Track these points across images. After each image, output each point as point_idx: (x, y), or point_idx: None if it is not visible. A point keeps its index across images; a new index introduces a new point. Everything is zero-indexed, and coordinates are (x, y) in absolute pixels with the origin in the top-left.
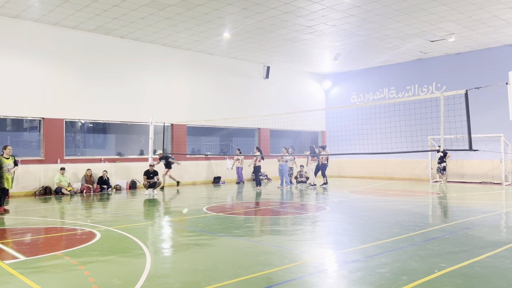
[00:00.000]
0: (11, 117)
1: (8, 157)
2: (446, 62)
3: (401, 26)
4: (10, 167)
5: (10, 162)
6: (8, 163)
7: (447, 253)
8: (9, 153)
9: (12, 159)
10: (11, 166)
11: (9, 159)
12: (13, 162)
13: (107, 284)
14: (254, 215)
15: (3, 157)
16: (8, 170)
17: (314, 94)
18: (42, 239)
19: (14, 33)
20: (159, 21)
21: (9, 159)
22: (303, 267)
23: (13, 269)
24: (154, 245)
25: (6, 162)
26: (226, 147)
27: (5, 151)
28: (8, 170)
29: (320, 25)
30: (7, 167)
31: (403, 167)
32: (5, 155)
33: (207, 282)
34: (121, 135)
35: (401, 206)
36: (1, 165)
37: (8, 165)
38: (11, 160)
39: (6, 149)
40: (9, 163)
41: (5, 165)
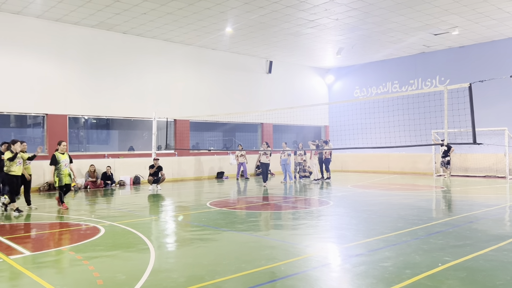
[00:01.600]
0: (15, 113)
1: (63, 152)
2: (450, 55)
3: (404, 20)
4: (67, 162)
5: (66, 157)
6: (64, 159)
7: (450, 246)
8: (64, 148)
9: (67, 154)
10: (67, 162)
11: (65, 155)
12: (68, 157)
13: (112, 279)
14: (257, 210)
15: (58, 153)
16: (65, 166)
17: (317, 89)
18: (47, 235)
19: (16, 29)
20: (161, 16)
21: (65, 155)
22: (307, 261)
23: (19, 264)
24: (158, 240)
25: (62, 158)
26: (229, 142)
27: (59, 146)
28: (65, 165)
29: (323, 19)
30: (64, 162)
31: (406, 161)
32: (60, 151)
33: (211, 277)
34: (124, 130)
35: (405, 200)
36: (58, 161)
37: (64, 160)
38: (66, 156)
39: (61, 145)
40: (64, 158)
41: (62, 161)
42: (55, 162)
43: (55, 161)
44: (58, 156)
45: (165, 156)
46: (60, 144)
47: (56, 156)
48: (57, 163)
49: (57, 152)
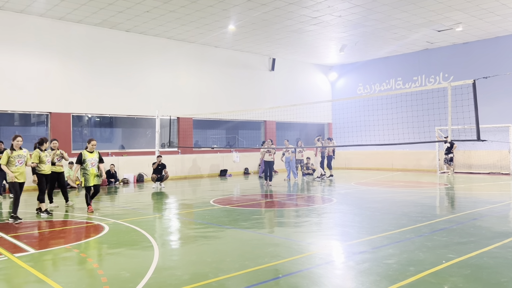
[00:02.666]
0: (19, 111)
1: (92, 151)
2: (454, 52)
3: (407, 16)
4: (94, 161)
5: (94, 156)
6: (91, 157)
7: (454, 244)
8: (93, 147)
9: (97, 153)
10: (95, 161)
11: (93, 153)
12: (97, 156)
13: (116, 277)
14: (260, 208)
15: (86, 151)
16: (92, 165)
17: (320, 86)
18: (51, 233)
19: (20, 28)
20: (164, 14)
21: (93, 153)
22: (310, 259)
23: (23, 262)
24: (162, 237)
25: (89, 157)
26: (233, 140)
27: (89, 145)
28: (92, 165)
29: (326, 16)
30: (91, 161)
31: (410, 158)
32: (89, 149)
33: (214, 274)
34: (127, 128)
35: (408, 198)
36: (84, 160)
37: (92, 159)
38: (95, 154)
39: (91, 143)
40: (93, 157)
41: (88, 160)
42: (80, 161)
43: (81, 160)
44: (85, 154)
45: (169, 154)
46: (90, 142)
47: (82, 154)
48: (83, 162)
49: (85, 150)
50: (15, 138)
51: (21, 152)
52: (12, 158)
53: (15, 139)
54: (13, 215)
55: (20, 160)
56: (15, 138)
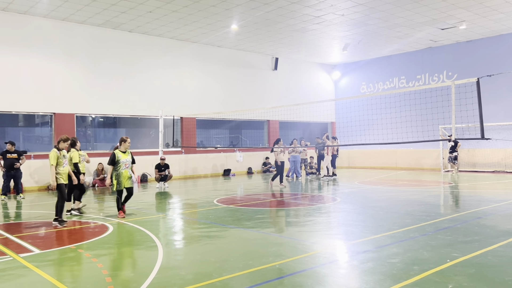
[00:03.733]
0: (23, 112)
1: (125, 151)
2: (457, 50)
3: (410, 15)
4: (128, 162)
5: (127, 157)
6: (125, 158)
7: (459, 242)
8: (128, 146)
9: (129, 154)
10: (128, 162)
11: (126, 153)
12: (130, 157)
13: (120, 276)
14: (264, 207)
15: (119, 151)
16: (126, 167)
17: (324, 85)
18: (56, 233)
19: (23, 29)
20: (167, 14)
21: (126, 153)
22: (314, 258)
23: (28, 262)
24: (166, 237)
25: (123, 158)
26: (236, 140)
27: (123, 144)
28: (126, 166)
29: (329, 15)
30: (125, 163)
31: (414, 157)
32: (121, 149)
33: (218, 274)
34: (131, 129)
35: (412, 196)
36: (118, 161)
37: (126, 160)
38: (128, 155)
39: (126, 142)
40: (126, 158)
41: (122, 161)
42: (113, 162)
43: (114, 161)
44: (118, 155)
45: (172, 154)
46: (125, 141)
47: (116, 154)
48: (116, 163)
49: (118, 150)
50: (66, 140)
51: (65, 153)
52: (61, 159)
53: (66, 142)
54: (58, 218)
55: (65, 161)
56: (66, 141)
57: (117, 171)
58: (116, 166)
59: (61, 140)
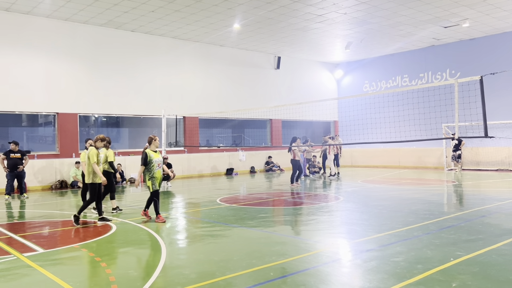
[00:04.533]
0: (26, 112)
1: (156, 150)
2: (460, 48)
3: (413, 13)
4: (160, 162)
5: (159, 156)
6: (157, 158)
7: (463, 241)
8: (158, 144)
9: (159, 153)
10: (161, 162)
11: (157, 153)
12: (161, 156)
13: (124, 276)
14: (267, 206)
15: (150, 151)
16: (159, 167)
17: (326, 84)
18: (60, 232)
19: (26, 29)
20: (169, 14)
21: (157, 153)
22: (317, 257)
23: (32, 261)
24: (169, 236)
25: (155, 157)
26: (238, 139)
27: (153, 142)
28: (159, 166)
29: (331, 14)
30: (157, 162)
31: (417, 155)
32: (152, 148)
33: (222, 273)
34: (134, 128)
35: (416, 195)
36: (150, 161)
37: (158, 160)
38: (159, 154)
39: (156, 141)
40: (158, 157)
41: (154, 161)
42: (145, 162)
43: (146, 161)
44: (150, 154)
45: (175, 153)
46: (155, 140)
47: (148, 154)
48: (149, 164)
49: (149, 149)
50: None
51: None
52: (99, 158)
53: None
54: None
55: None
56: (103, 140)
57: (151, 172)
58: (149, 167)
59: (99, 139)
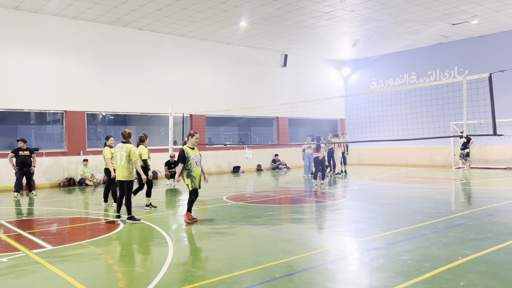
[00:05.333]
0: (35, 110)
1: (194, 147)
2: (469, 45)
3: (421, 10)
4: (198, 160)
5: (197, 153)
6: (195, 155)
7: (470, 240)
8: (196, 141)
9: (197, 150)
10: (198, 159)
11: (195, 150)
12: (199, 153)
13: (131, 272)
14: (274, 204)
15: (188, 147)
16: (196, 165)
17: (333, 81)
18: (68, 229)
19: (35, 27)
20: (176, 12)
21: (195, 150)
22: (324, 255)
23: (41, 258)
24: (176, 234)
25: (192, 154)
26: (245, 137)
27: (191, 138)
28: (196, 164)
29: (338, 11)
30: (195, 160)
31: (424, 153)
32: (189, 144)
33: (228, 270)
34: (141, 126)
35: (423, 193)
36: (188, 158)
37: (195, 157)
38: (197, 151)
39: (194, 137)
40: (195, 154)
41: (192, 158)
42: (183, 159)
43: (184, 158)
44: (188, 151)
45: None
46: (193, 136)
47: (185, 151)
48: (187, 161)
49: (186, 146)
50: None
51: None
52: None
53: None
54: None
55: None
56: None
57: (188, 170)
58: (186, 164)
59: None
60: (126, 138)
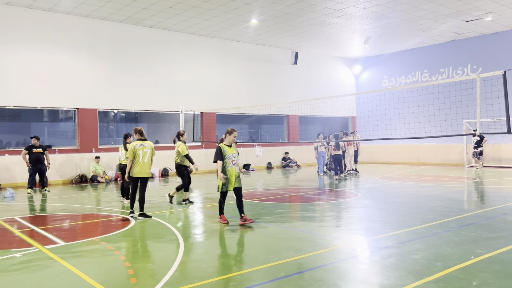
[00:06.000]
0: (47, 108)
1: (231, 144)
2: (482, 42)
3: (434, 7)
4: (235, 158)
5: (234, 151)
6: (231, 153)
7: (483, 239)
8: (234, 139)
9: (235, 148)
10: (235, 158)
11: (232, 148)
12: (237, 151)
13: (142, 268)
14: (284, 202)
15: (224, 145)
16: (233, 164)
17: (344, 79)
18: (80, 225)
19: (48, 26)
20: (187, 10)
21: (232, 148)
22: (335, 253)
23: (54, 253)
24: (187, 230)
25: (229, 152)
26: (255, 135)
27: (228, 136)
28: (233, 163)
29: (350, 8)
30: (231, 158)
31: (436, 152)
32: (226, 142)
33: (239, 267)
34: (152, 124)
35: (435, 192)
36: (224, 156)
37: (232, 155)
38: (234, 149)
39: (231, 134)
40: (232, 152)
41: (228, 157)
42: (221, 156)
43: (221, 155)
44: (225, 149)
45: (192, 148)
46: (231, 133)
47: (222, 149)
48: (223, 159)
49: (223, 144)
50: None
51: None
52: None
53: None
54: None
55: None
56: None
57: (223, 168)
58: (223, 163)
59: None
60: (143, 135)
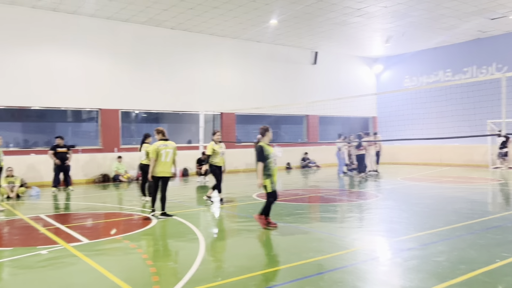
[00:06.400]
0: (71, 108)
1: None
2: (508, 40)
3: (457, 4)
4: (276, 157)
5: (274, 151)
6: (272, 152)
7: (509, 242)
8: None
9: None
10: (276, 157)
11: (270, 147)
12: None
13: (164, 267)
14: (304, 202)
15: (265, 144)
16: (275, 163)
17: (364, 79)
18: (103, 224)
19: (71, 28)
20: (208, 11)
21: (270, 147)
22: (355, 255)
23: (78, 251)
24: (207, 230)
25: (271, 151)
26: (275, 135)
27: (267, 134)
28: (275, 162)
29: (370, 7)
30: (274, 157)
31: (460, 153)
32: (265, 140)
33: (259, 268)
34: (173, 124)
35: (458, 193)
36: (267, 156)
37: (273, 154)
38: (273, 149)
39: (270, 131)
40: (273, 152)
41: (271, 156)
42: (263, 157)
43: (263, 156)
44: (266, 148)
45: None
46: (268, 130)
47: (264, 148)
48: (266, 159)
49: (263, 142)
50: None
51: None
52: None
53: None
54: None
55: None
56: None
57: (267, 169)
58: (265, 163)
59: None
60: (165, 135)
